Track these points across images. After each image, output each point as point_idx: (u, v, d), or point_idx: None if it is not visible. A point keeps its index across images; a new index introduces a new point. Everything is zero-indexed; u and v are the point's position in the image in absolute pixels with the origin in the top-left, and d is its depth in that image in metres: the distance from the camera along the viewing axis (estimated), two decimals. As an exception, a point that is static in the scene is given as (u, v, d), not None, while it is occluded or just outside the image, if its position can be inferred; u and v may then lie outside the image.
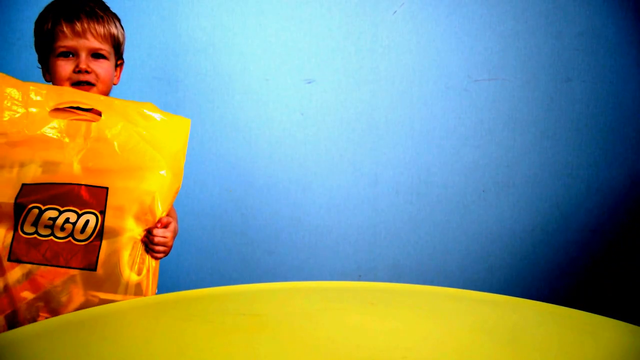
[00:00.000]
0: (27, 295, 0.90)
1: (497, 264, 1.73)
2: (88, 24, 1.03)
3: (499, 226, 1.72)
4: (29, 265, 0.90)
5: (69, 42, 1.02)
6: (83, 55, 1.03)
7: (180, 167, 1.00)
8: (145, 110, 0.97)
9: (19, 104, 0.91)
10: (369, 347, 0.64)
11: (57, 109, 0.94)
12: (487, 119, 1.70)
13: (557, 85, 1.70)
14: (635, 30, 1.71)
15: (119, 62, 1.13)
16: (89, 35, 1.03)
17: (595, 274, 1.74)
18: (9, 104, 0.91)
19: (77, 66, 1.02)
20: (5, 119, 0.89)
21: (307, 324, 0.73)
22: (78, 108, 0.96)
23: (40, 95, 0.93)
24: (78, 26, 1.01)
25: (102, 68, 1.05)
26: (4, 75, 0.92)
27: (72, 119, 0.93)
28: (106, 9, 1.09)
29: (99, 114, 0.95)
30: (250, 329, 0.70)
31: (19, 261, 0.90)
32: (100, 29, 1.04)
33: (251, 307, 0.81)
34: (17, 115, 0.91)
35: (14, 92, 0.92)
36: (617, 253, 1.75)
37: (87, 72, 1.03)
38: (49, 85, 0.99)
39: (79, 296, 0.92)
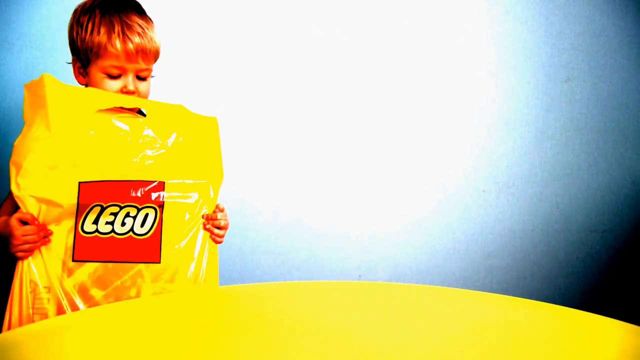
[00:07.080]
0: (96, 293, 0.90)
1: (497, 264, 1.73)
2: (142, 47, 1.01)
3: (499, 226, 1.72)
4: (94, 264, 0.91)
5: (120, 63, 1.00)
6: (130, 77, 1.03)
7: (220, 160, 1.04)
8: (182, 110, 1.01)
9: (68, 105, 0.92)
10: (370, 347, 0.64)
11: (103, 110, 0.95)
12: (488, 119, 1.70)
13: (557, 85, 1.70)
14: (635, 30, 1.71)
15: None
16: (139, 60, 1.02)
17: (594, 274, 1.74)
18: (57, 106, 0.91)
19: (124, 86, 1.02)
20: (53, 121, 0.90)
21: (308, 324, 0.73)
22: (122, 108, 0.98)
23: (87, 98, 0.94)
24: (131, 48, 1.00)
25: (144, 87, 1.06)
26: (52, 78, 0.92)
27: (119, 118, 0.95)
28: (152, 25, 1.06)
29: (143, 113, 0.98)
30: (250, 329, 0.70)
31: (83, 261, 0.91)
32: (151, 52, 1.03)
33: (251, 307, 0.81)
34: (67, 116, 0.91)
35: (61, 93, 0.92)
36: (616, 253, 1.75)
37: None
38: (94, 89, 0.99)
39: (147, 289, 0.93)
